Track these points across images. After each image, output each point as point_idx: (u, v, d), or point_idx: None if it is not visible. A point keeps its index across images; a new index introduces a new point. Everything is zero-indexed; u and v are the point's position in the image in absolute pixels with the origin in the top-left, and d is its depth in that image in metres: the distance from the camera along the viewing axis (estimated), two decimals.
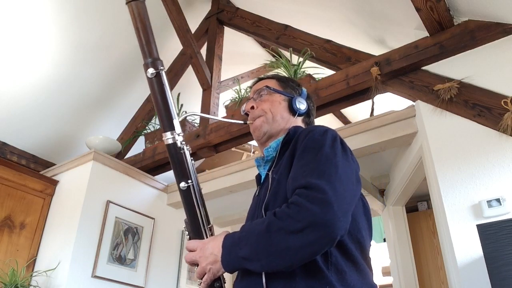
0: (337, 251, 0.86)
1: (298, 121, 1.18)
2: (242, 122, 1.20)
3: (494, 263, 1.56)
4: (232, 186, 3.00)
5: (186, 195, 0.96)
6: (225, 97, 3.24)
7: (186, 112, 3.26)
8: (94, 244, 2.69)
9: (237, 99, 2.98)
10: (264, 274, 0.85)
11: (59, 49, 3.04)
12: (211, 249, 0.90)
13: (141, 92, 3.67)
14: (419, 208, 3.46)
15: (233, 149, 3.65)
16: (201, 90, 3.25)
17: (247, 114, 1.21)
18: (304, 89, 1.25)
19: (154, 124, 3.45)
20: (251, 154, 4.00)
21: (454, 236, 1.82)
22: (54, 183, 2.99)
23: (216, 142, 2.91)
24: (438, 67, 2.17)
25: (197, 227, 0.97)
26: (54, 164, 3.27)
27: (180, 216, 3.42)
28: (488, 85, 1.98)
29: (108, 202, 2.86)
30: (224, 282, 0.95)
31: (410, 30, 2.40)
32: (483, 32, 2.03)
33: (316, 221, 0.77)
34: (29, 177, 2.88)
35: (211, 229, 0.98)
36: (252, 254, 0.82)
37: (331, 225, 0.77)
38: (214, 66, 3.30)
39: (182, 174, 0.96)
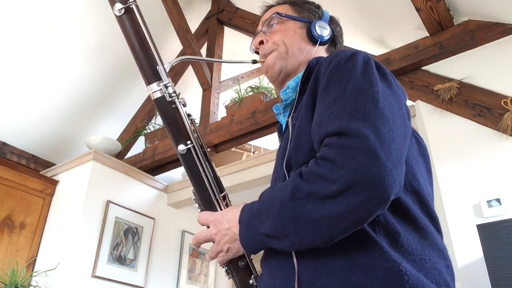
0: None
1: (321, 52, 0.95)
2: (251, 61, 0.97)
3: (494, 263, 1.56)
4: (232, 186, 3.00)
5: (187, 160, 0.79)
6: (225, 97, 3.24)
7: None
8: (94, 244, 2.69)
9: (237, 99, 2.98)
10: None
11: (59, 49, 3.04)
12: (227, 223, 0.73)
13: (141, 92, 3.67)
14: None
15: (233, 149, 3.65)
16: (201, 90, 3.25)
17: (257, 53, 0.99)
18: (326, 11, 1.02)
19: (154, 124, 3.45)
20: (251, 154, 4.00)
21: (454, 236, 1.82)
22: (54, 183, 2.99)
23: (216, 142, 2.91)
24: (438, 67, 2.17)
25: (207, 197, 0.79)
26: (54, 164, 3.27)
27: (180, 216, 3.42)
28: (488, 85, 1.98)
29: (108, 202, 2.86)
30: (251, 259, 0.79)
31: (410, 30, 2.40)
32: (483, 32, 2.03)
33: (358, 180, 0.57)
34: (29, 177, 2.88)
35: (225, 198, 0.81)
36: (277, 230, 0.65)
37: (380, 182, 0.57)
38: (214, 66, 3.30)
39: (178, 134, 0.79)
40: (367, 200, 0.58)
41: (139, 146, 3.53)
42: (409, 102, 2.33)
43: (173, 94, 0.78)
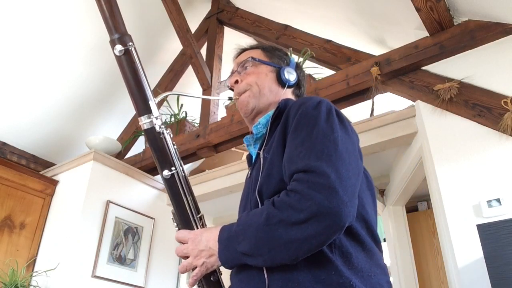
0: None
1: (288, 93, 1.09)
2: (227, 98, 1.13)
3: (494, 263, 1.56)
4: (232, 186, 3.00)
5: (170, 184, 0.88)
6: (225, 97, 3.23)
7: (186, 113, 3.27)
8: (94, 244, 2.69)
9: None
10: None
11: (59, 50, 3.04)
12: (205, 241, 0.83)
13: None
14: (419, 208, 3.46)
15: (233, 149, 3.65)
16: (201, 90, 3.25)
17: (231, 89, 1.11)
18: (293, 58, 1.15)
19: None
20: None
21: (454, 236, 1.82)
22: (54, 183, 2.99)
23: (216, 142, 2.91)
24: (438, 67, 2.17)
25: (185, 217, 0.89)
26: (54, 164, 3.27)
27: None
28: (488, 85, 1.98)
29: (108, 202, 2.86)
30: (221, 274, 0.89)
31: (410, 30, 2.40)
32: (483, 32, 2.03)
33: (320, 211, 0.70)
34: (29, 177, 2.88)
35: (201, 219, 0.91)
36: (253, 250, 0.76)
37: (338, 213, 0.70)
38: (214, 66, 3.30)
39: (164, 161, 0.88)
40: (328, 227, 0.71)
41: (139, 146, 3.53)
42: (409, 102, 2.33)
43: (162, 126, 0.88)
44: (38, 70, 3.03)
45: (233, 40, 3.70)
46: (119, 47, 0.85)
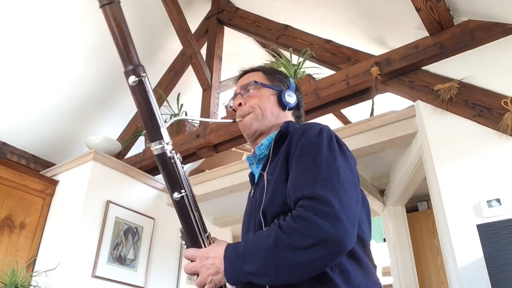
0: None
1: (289, 116, 1.14)
2: (231, 120, 1.15)
3: (494, 263, 1.56)
4: (232, 186, 3.00)
5: (180, 205, 0.93)
6: (225, 97, 3.23)
7: (186, 113, 3.27)
8: (94, 244, 2.69)
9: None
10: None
11: (59, 50, 3.04)
12: (212, 259, 0.89)
13: None
14: (419, 208, 3.46)
15: (233, 149, 3.65)
16: (201, 90, 3.25)
17: (234, 110, 1.16)
18: (292, 80, 1.20)
19: None
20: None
21: (454, 236, 1.82)
22: (54, 183, 2.99)
23: (216, 142, 2.91)
24: (438, 67, 2.17)
25: (194, 236, 0.94)
26: (54, 164, 3.27)
27: None
28: (488, 85, 1.98)
29: (108, 202, 2.86)
30: None
31: (410, 30, 2.40)
32: (483, 32, 2.03)
33: (326, 237, 0.76)
34: (29, 177, 2.88)
35: (208, 237, 0.96)
36: (260, 270, 0.81)
37: (342, 240, 0.76)
38: (214, 66, 3.30)
39: (174, 184, 0.92)
40: (332, 252, 0.77)
41: (139, 146, 3.53)
42: (409, 102, 2.33)
43: (172, 151, 0.92)
44: (38, 70, 3.03)
45: (233, 40, 3.71)
46: (133, 78, 0.89)
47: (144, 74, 0.90)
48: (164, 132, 0.91)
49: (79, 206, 2.72)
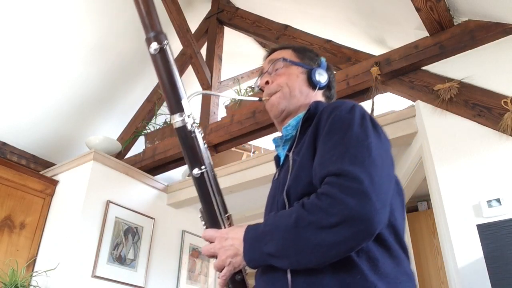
0: None
1: (319, 95, 1.06)
2: (257, 99, 1.08)
3: (494, 263, 1.56)
4: (232, 186, 3.00)
5: (200, 182, 0.88)
6: (225, 97, 3.23)
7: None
8: (94, 244, 2.69)
9: (237, 99, 2.98)
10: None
11: (59, 50, 3.04)
12: (231, 240, 0.83)
13: (141, 92, 3.67)
14: (419, 208, 3.46)
15: (233, 149, 3.65)
16: (201, 90, 3.25)
17: (261, 90, 1.09)
18: (323, 59, 1.12)
19: (154, 124, 3.45)
20: (251, 154, 4.00)
21: (454, 236, 1.82)
22: (54, 183, 2.99)
23: (216, 142, 2.91)
24: (438, 67, 2.17)
25: (213, 216, 0.89)
26: (54, 164, 3.27)
27: (180, 216, 3.42)
28: (488, 85, 1.98)
29: (108, 202, 2.86)
30: (246, 274, 0.88)
31: (410, 30, 2.40)
32: (483, 32, 2.03)
33: (352, 216, 0.68)
34: (29, 177, 2.88)
35: (229, 218, 0.91)
36: (279, 251, 0.75)
37: (370, 219, 0.68)
38: (214, 66, 3.30)
39: (194, 160, 0.87)
40: (358, 233, 0.69)
41: (139, 146, 3.53)
42: (409, 102, 2.33)
43: (193, 125, 0.87)
44: (38, 70, 3.03)
45: (233, 40, 3.71)
46: (154, 45, 0.84)
47: (166, 42, 0.86)
48: (186, 104, 0.86)
49: (79, 206, 2.72)
